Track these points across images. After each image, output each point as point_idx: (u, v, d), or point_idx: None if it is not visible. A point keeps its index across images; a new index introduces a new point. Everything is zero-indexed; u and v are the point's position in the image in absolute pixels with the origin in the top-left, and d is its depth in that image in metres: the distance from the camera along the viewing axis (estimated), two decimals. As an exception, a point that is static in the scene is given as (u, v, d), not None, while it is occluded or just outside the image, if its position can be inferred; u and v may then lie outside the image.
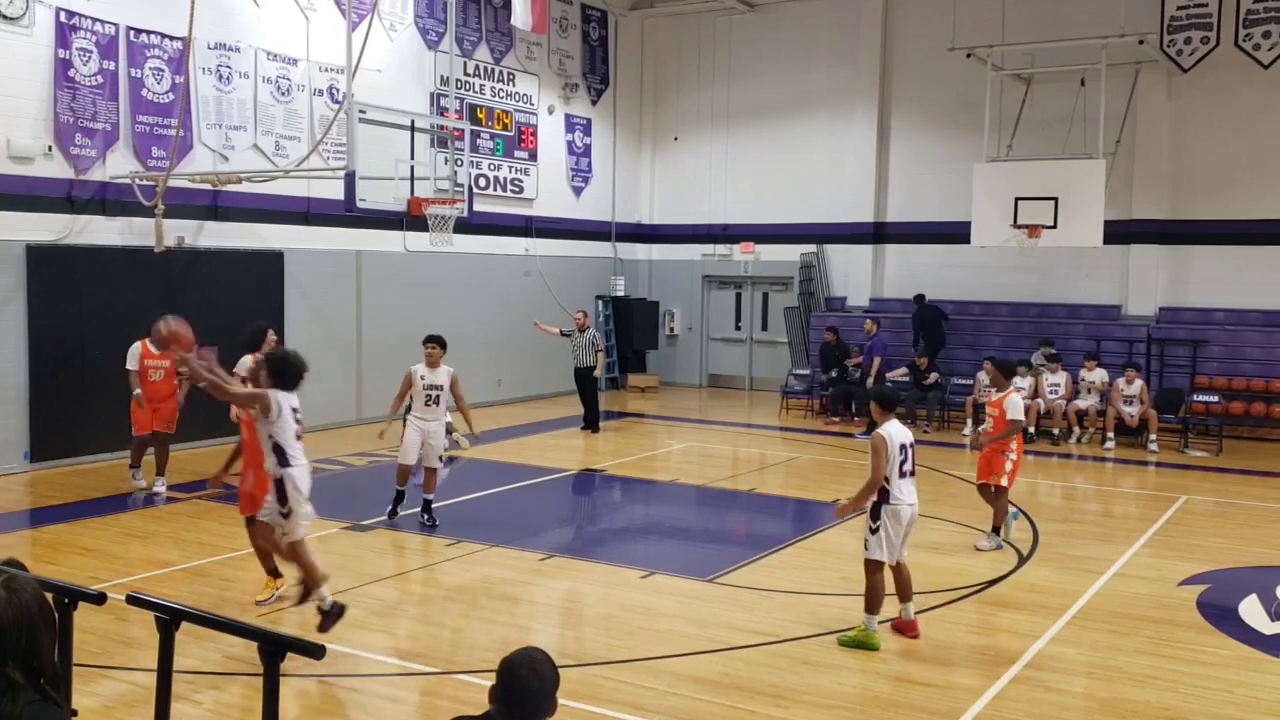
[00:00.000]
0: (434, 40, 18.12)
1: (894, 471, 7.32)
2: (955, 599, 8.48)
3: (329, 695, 6.54)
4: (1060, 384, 16.77)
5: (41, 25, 12.83)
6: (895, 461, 7.32)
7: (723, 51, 22.29)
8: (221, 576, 8.86)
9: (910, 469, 7.45)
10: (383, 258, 17.35)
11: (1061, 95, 18.24)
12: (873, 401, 7.74)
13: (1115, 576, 9.22)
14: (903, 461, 7.37)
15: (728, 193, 22.33)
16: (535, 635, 7.86)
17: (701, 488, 13.16)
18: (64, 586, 4.08)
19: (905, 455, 7.40)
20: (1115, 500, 13.23)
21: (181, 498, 11.67)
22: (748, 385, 22.73)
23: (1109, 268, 18.79)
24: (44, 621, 2.72)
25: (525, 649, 3.26)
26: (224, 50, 14.85)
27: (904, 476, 7.39)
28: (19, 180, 12.73)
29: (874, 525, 7.37)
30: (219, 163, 14.79)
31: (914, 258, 20.48)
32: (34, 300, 12.90)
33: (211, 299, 14.35)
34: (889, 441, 7.33)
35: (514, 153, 20.08)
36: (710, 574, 9.10)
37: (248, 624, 3.92)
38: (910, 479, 7.45)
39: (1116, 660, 7.21)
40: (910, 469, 7.45)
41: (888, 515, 7.35)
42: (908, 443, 7.47)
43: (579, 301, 21.75)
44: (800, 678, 6.81)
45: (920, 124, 20.65)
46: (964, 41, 17.75)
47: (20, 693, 2.60)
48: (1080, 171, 16.71)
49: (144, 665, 6.31)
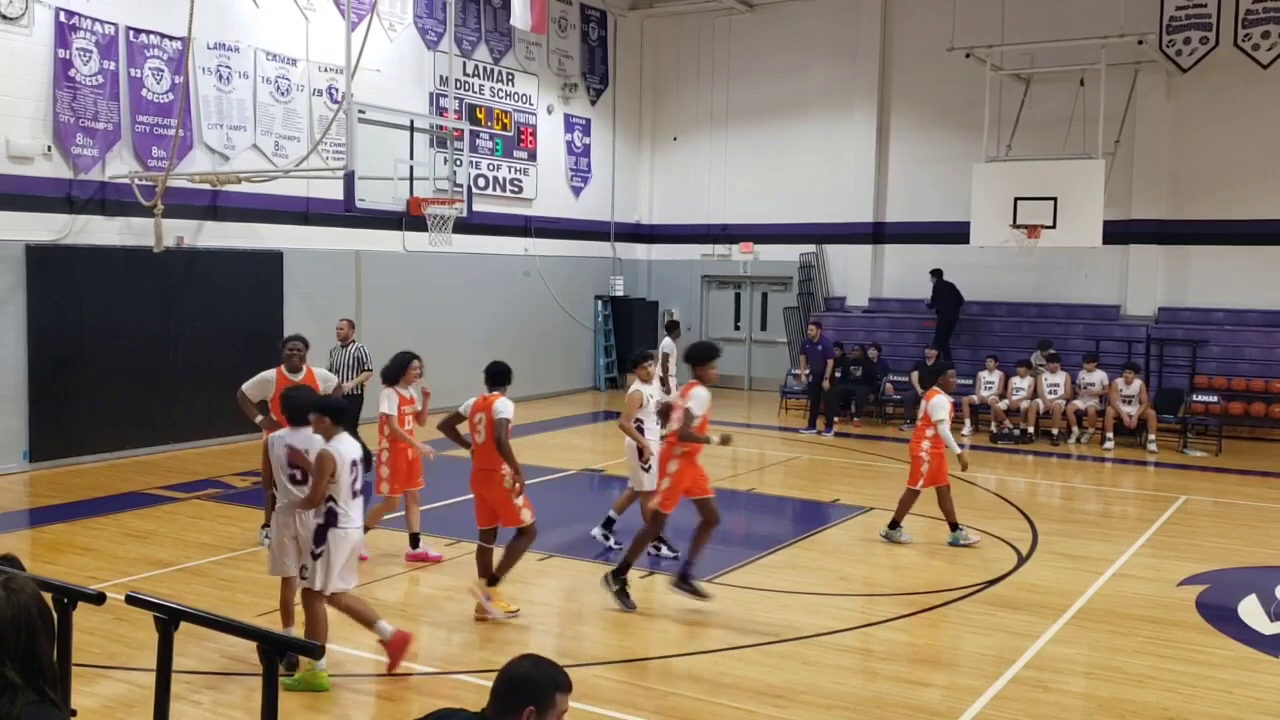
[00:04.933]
0: (433, 40, 18.12)
1: (344, 492, 6.57)
2: (955, 599, 8.47)
3: (328, 695, 6.53)
4: (1059, 384, 16.77)
5: (41, 25, 12.82)
6: (346, 481, 6.58)
7: (722, 51, 22.29)
8: (220, 576, 8.85)
9: (361, 488, 6.75)
10: (382, 258, 17.35)
11: (1061, 95, 18.25)
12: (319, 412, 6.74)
13: (1115, 577, 9.22)
14: (353, 481, 6.65)
15: (727, 193, 22.33)
16: (534, 635, 7.85)
17: (701, 488, 13.14)
18: (63, 586, 4.08)
19: (355, 474, 6.67)
20: (1114, 500, 13.23)
21: (181, 497, 11.66)
22: (747, 385, 22.73)
23: (1108, 268, 18.79)
24: (42, 622, 2.72)
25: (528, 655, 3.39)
26: (224, 50, 14.84)
27: (356, 497, 6.67)
28: (18, 180, 12.72)
29: (317, 550, 6.58)
30: (219, 163, 14.78)
31: (913, 258, 20.47)
32: (33, 300, 12.89)
33: (211, 299, 14.35)
34: (340, 460, 6.53)
35: (513, 153, 20.07)
36: (709, 574, 9.08)
37: (247, 624, 3.92)
38: (361, 499, 6.76)
39: (1116, 660, 7.21)
40: (361, 488, 6.75)
41: (334, 540, 6.56)
42: (359, 458, 6.73)
43: (578, 301, 21.80)
44: (799, 678, 6.81)
45: (919, 124, 20.65)
46: (963, 41, 17.76)
47: (19, 693, 2.60)
48: (1079, 172, 16.71)
49: (143, 665, 6.31)
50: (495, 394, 8.22)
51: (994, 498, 12.55)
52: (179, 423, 13.33)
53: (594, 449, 16.19)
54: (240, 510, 11.22)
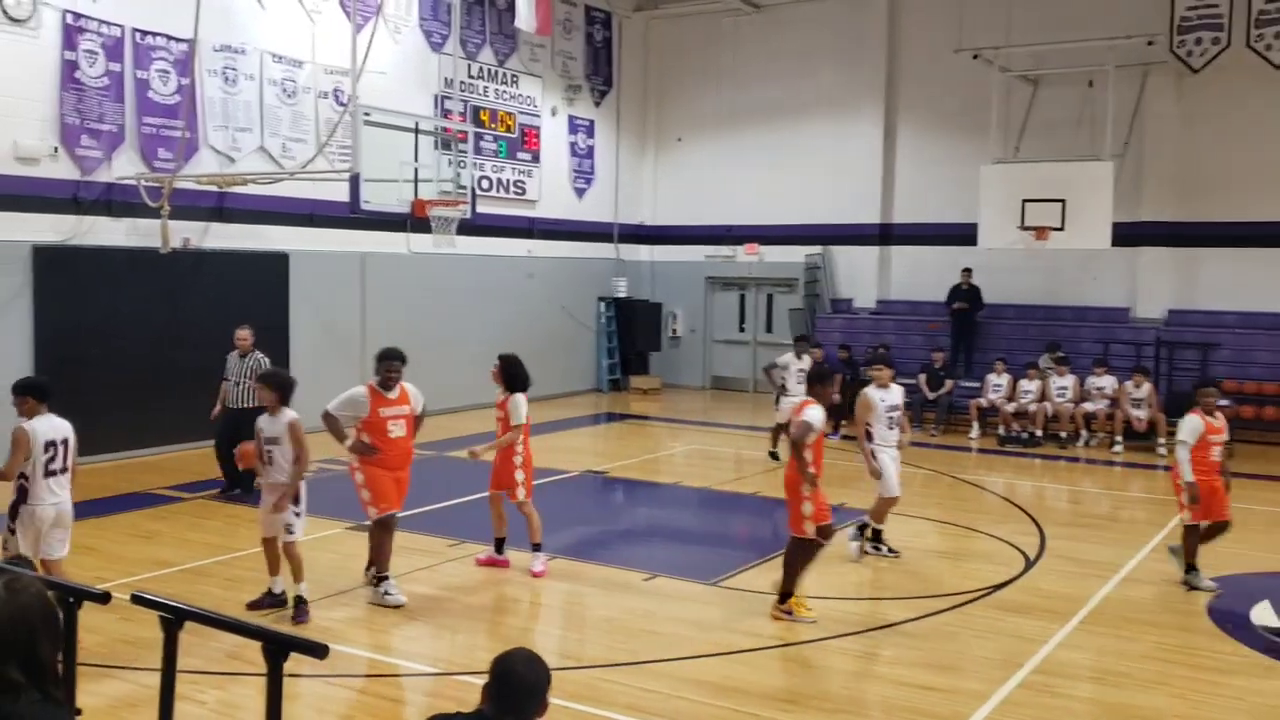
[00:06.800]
0: (438, 42, 18.11)
1: (37, 470, 6.81)
2: (962, 603, 8.43)
3: (331, 695, 6.52)
4: (1068, 387, 16.71)
5: (48, 27, 12.84)
6: (40, 460, 6.82)
7: (727, 53, 22.26)
8: (225, 576, 8.84)
9: (60, 467, 6.96)
10: (387, 259, 17.35)
11: (1069, 97, 18.19)
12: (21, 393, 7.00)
13: (1124, 581, 9.17)
14: (50, 459, 6.88)
15: (731, 194, 22.25)
16: (537, 636, 7.83)
17: (704, 490, 13.12)
18: (68, 586, 4.07)
19: (54, 453, 6.90)
20: (1124, 504, 13.18)
21: (186, 498, 11.65)
22: (752, 387, 22.68)
23: (1117, 270, 18.71)
24: (45, 621, 2.70)
25: (518, 648, 3.32)
26: (230, 52, 14.85)
27: (50, 475, 6.90)
28: (25, 181, 12.73)
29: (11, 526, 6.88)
30: (225, 164, 14.79)
31: (920, 259, 20.43)
32: (40, 300, 12.90)
33: (216, 300, 14.34)
34: (33, 437, 6.80)
35: (517, 154, 20.06)
36: (713, 577, 9.06)
37: (251, 623, 3.90)
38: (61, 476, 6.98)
39: (1124, 665, 7.16)
40: (60, 467, 6.96)
41: (25, 516, 6.86)
42: (59, 439, 6.94)
43: (581, 302, 21.77)
44: (806, 681, 6.78)
45: (926, 125, 20.61)
46: (971, 43, 17.72)
47: (22, 692, 2.59)
48: (1088, 173, 16.66)
49: (148, 665, 6.29)
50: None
51: (1001, 501, 12.50)
52: (184, 423, 13.28)
53: (596, 450, 16.17)
54: (245, 510, 11.20)
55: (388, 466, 8.11)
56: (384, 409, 8.09)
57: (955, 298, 18.88)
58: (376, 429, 8.08)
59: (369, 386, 8.19)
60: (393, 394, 8.17)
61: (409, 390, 8.32)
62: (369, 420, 8.07)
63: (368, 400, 8.08)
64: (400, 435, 8.17)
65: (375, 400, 8.09)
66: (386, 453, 8.08)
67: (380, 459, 8.06)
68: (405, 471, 8.30)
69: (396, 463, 8.18)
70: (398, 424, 8.16)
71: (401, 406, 8.19)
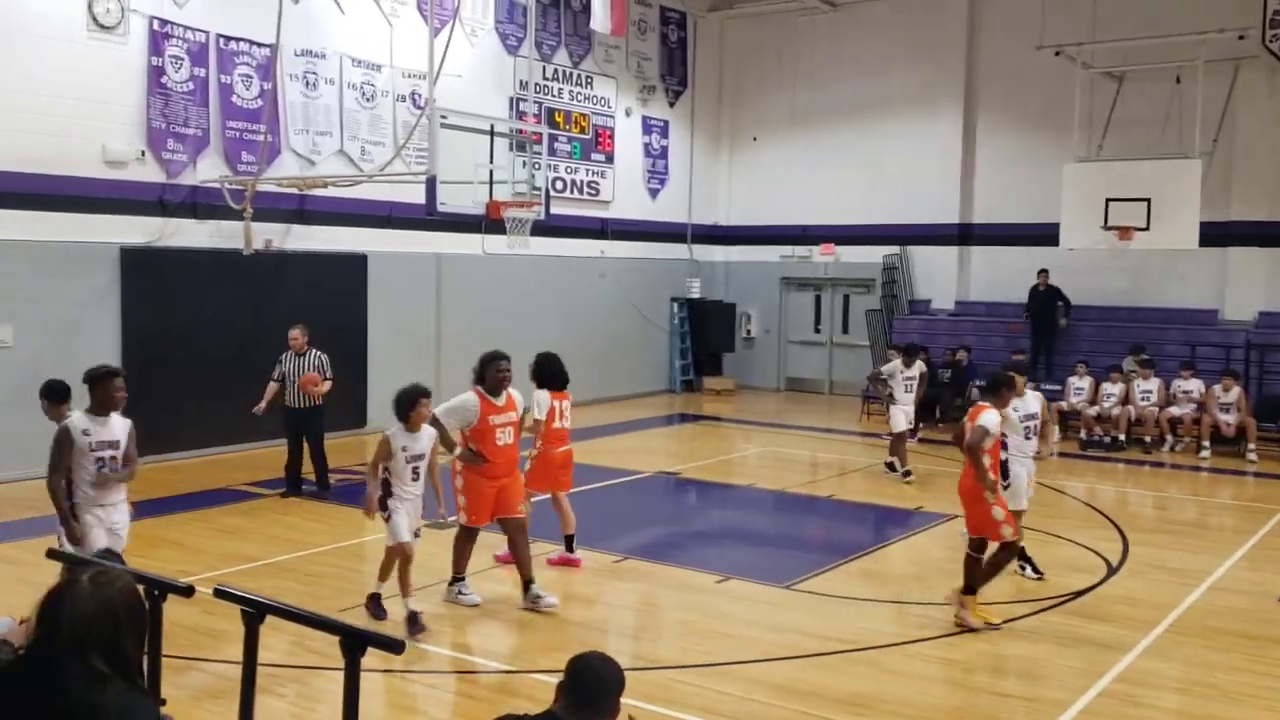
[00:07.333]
0: (514, 45, 18.25)
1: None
2: (1042, 609, 8.26)
3: (407, 690, 6.59)
4: (1152, 391, 16.28)
5: (136, 34, 13.19)
6: None
7: (804, 51, 22.10)
8: (306, 571, 9.00)
9: None
10: (462, 260, 17.53)
11: (1155, 93, 17.72)
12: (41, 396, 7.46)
13: (1211, 590, 8.90)
14: None
15: (807, 194, 22.08)
16: (610, 636, 7.84)
17: (779, 492, 13.03)
18: (154, 579, 4.16)
19: None
20: (1211, 511, 12.81)
21: (267, 494, 11.88)
22: (827, 389, 22.50)
23: (1205, 270, 18.18)
24: (129, 614, 2.77)
25: (594, 650, 3.37)
26: (310, 57, 15.13)
27: None
28: (114, 184, 13.10)
29: None
30: (305, 167, 15.07)
31: (1000, 260, 20.08)
32: (127, 301, 13.26)
33: (296, 300, 14.58)
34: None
35: (591, 155, 20.14)
36: (787, 580, 8.99)
37: (331, 618, 3.96)
38: None
39: (1212, 677, 6.95)
40: None
41: None
42: None
43: (654, 303, 21.78)
44: (881, 686, 6.68)
45: (1007, 123, 20.25)
46: (1052, 39, 17.36)
47: (109, 682, 2.65)
48: (1175, 171, 16.23)
49: (229, 657, 6.42)
50: None
51: (1083, 506, 12.22)
52: (267, 421, 13.54)
53: (669, 451, 16.15)
54: (325, 507, 11.41)
55: (491, 475, 7.95)
56: (493, 416, 7.93)
57: (1032, 300, 18.55)
58: (485, 437, 7.91)
59: (478, 393, 7.99)
60: (500, 400, 8.01)
61: (515, 396, 8.19)
62: (477, 428, 7.89)
63: (478, 408, 7.90)
64: (508, 443, 8.02)
65: (485, 408, 7.92)
66: (493, 460, 7.92)
67: (485, 468, 7.92)
68: (510, 478, 8.11)
69: (501, 471, 8.01)
70: (505, 431, 8.00)
71: (509, 414, 8.05)
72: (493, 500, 8.01)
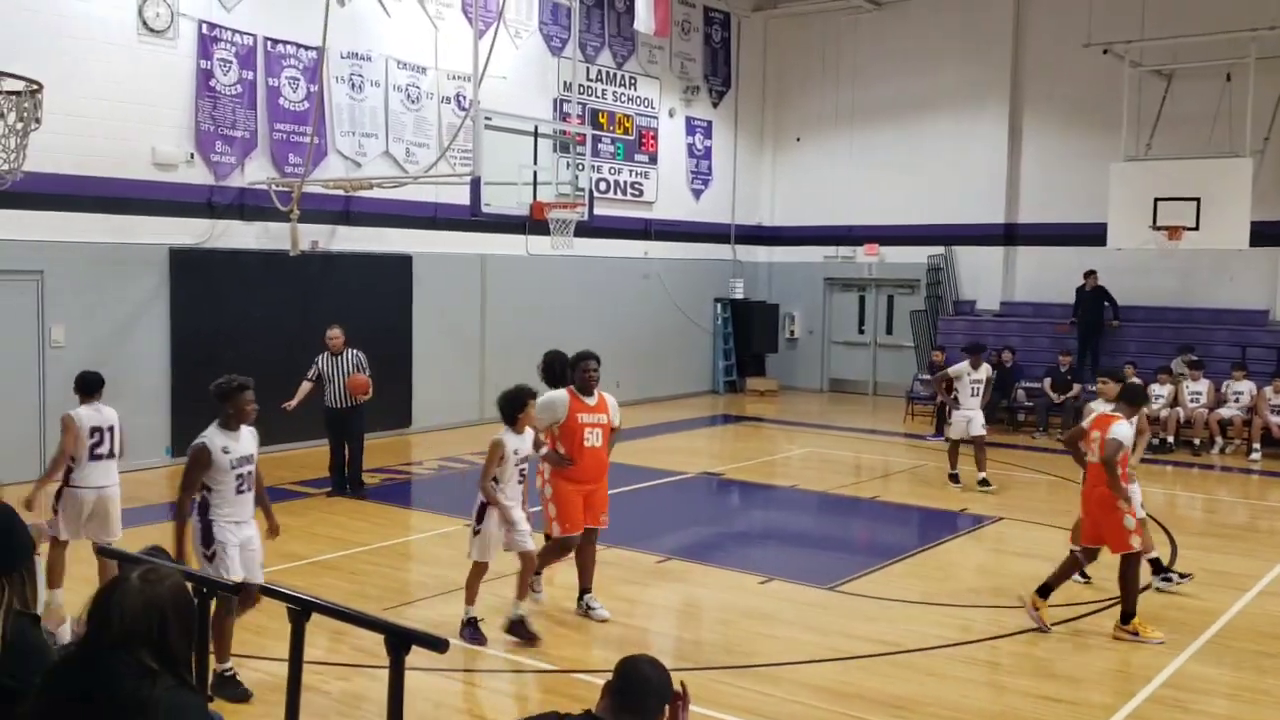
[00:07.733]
0: (558, 46, 18.32)
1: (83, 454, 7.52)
2: (1088, 613, 8.17)
3: (450, 689, 6.64)
4: (1202, 392, 16.03)
5: (185, 37, 13.39)
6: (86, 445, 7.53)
7: (848, 50, 21.97)
8: (351, 570, 9.10)
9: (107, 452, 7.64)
10: (506, 261, 17.62)
11: (1205, 91, 17.44)
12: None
13: (1261, 594, 8.76)
14: (96, 444, 7.57)
15: (851, 194, 21.94)
16: (653, 636, 7.85)
17: (822, 494, 12.98)
18: (201, 577, 4.24)
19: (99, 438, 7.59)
20: (1262, 514, 12.59)
21: (313, 493, 12.01)
22: (871, 390, 22.36)
23: (1256, 271, 17.88)
24: (177, 611, 2.82)
25: (644, 654, 3.42)
26: (356, 59, 15.28)
27: (96, 459, 7.58)
28: (163, 186, 13.31)
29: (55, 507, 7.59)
30: (351, 169, 15.23)
31: (1047, 260, 19.86)
32: (176, 302, 13.46)
33: (342, 301, 14.72)
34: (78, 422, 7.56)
35: (634, 156, 20.16)
36: (830, 581, 8.96)
37: (376, 617, 4.01)
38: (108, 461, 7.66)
39: (1263, 683, 6.84)
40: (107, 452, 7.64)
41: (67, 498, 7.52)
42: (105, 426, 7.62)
43: (697, 304, 21.76)
44: (924, 689, 6.64)
45: (1054, 122, 20.03)
46: (1100, 37, 17.14)
47: (158, 678, 2.70)
48: (1225, 170, 15.97)
49: (276, 655, 6.50)
50: None
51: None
52: (312, 420, 13.68)
53: (712, 452, 16.13)
54: (369, 506, 11.52)
55: (578, 480, 7.73)
56: (583, 415, 7.74)
57: (1079, 301, 18.32)
58: (573, 436, 7.73)
59: (570, 391, 7.81)
60: (592, 400, 7.83)
61: (608, 400, 8.01)
62: (566, 426, 7.71)
63: (568, 404, 7.73)
64: (596, 445, 7.79)
65: (575, 405, 7.74)
66: (580, 463, 7.71)
67: (572, 471, 7.71)
68: (598, 484, 7.90)
69: (589, 475, 7.79)
70: (594, 432, 7.78)
71: (600, 415, 7.84)
72: (582, 507, 7.80)
